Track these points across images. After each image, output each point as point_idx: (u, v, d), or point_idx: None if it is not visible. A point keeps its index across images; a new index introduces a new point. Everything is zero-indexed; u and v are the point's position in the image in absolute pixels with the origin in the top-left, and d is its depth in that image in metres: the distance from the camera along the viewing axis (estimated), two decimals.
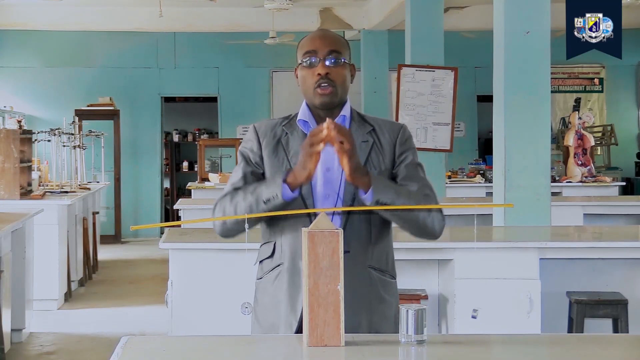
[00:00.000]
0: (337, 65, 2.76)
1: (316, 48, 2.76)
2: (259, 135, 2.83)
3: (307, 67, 2.77)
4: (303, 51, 2.79)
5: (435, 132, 8.38)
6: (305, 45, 2.80)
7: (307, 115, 2.81)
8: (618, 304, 4.79)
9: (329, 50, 2.76)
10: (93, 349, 6.48)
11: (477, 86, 13.83)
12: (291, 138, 2.80)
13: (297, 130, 2.80)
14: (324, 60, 2.75)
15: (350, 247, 2.69)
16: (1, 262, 5.74)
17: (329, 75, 2.74)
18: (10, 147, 7.63)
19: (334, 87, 2.75)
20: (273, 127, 2.84)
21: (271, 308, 2.79)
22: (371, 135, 2.80)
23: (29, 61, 13.50)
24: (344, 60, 2.77)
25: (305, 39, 2.83)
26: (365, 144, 2.78)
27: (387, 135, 2.81)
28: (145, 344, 2.52)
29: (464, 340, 2.58)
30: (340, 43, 2.80)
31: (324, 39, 2.79)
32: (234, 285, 4.45)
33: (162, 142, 14.21)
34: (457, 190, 10.19)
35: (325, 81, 2.74)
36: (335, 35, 2.84)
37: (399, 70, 8.51)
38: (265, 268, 2.84)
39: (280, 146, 2.80)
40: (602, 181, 10.23)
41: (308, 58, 2.77)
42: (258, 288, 2.87)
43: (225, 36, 13.59)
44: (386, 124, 2.85)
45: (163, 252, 4.89)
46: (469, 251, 4.66)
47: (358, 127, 2.81)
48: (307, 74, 2.77)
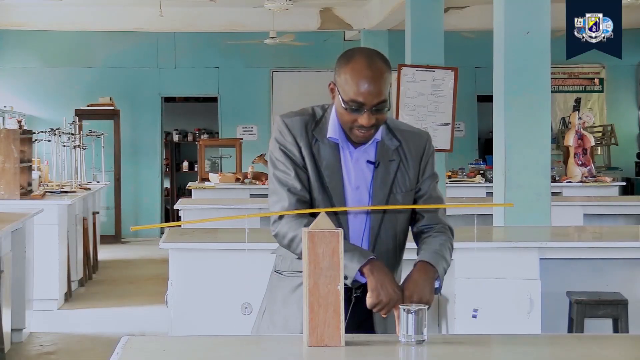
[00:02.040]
0: (381, 113, 2.64)
1: (364, 100, 2.59)
2: (294, 135, 2.71)
3: (349, 111, 2.62)
4: (348, 96, 2.60)
5: (435, 132, 8.37)
6: (351, 90, 2.59)
7: (337, 134, 2.71)
8: (618, 304, 4.79)
9: (377, 102, 2.60)
10: (93, 349, 6.47)
11: (477, 86, 13.83)
12: (322, 147, 2.71)
13: (328, 141, 2.72)
14: (370, 112, 2.61)
15: None
16: (1, 262, 5.73)
17: (373, 123, 2.64)
18: (11, 147, 7.62)
19: (375, 129, 2.68)
20: (304, 127, 2.72)
21: (290, 309, 2.74)
22: (398, 153, 2.76)
23: (29, 61, 13.50)
24: (388, 107, 2.66)
25: (352, 75, 2.60)
26: (392, 163, 2.75)
27: (413, 150, 2.78)
28: (145, 344, 2.51)
29: (464, 340, 2.58)
30: (386, 84, 2.62)
31: (372, 87, 2.58)
32: (234, 285, 4.46)
33: (162, 142, 14.21)
34: (457, 190, 10.19)
35: (368, 128, 2.64)
36: (382, 75, 2.61)
37: (399, 70, 8.51)
38: (293, 267, 2.75)
39: (311, 154, 2.71)
40: (602, 181, 10.23)
41: (353, 106, 2.60)
42: (275, 285, 2.81)
43: (225, 36, 13.59)
44: (413, 137, 2.80)
45: (163, 252, 4.89)
46: (469, 251, 4.66)
47: (386, 143, 2.75)
48: (349, 117, 2.63)
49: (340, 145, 2.73)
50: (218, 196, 9.61)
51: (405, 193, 2.76)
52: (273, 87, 13.87)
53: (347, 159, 2.74)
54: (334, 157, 2.72)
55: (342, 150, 2.74)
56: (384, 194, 2.73)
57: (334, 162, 2.72)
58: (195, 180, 11.97)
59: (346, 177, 2.73)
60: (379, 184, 2.73)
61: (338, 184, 2.71)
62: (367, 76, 2.59)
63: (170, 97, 14.75)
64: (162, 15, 11.14)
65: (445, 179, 9.38)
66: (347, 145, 2.74)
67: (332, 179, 2.71)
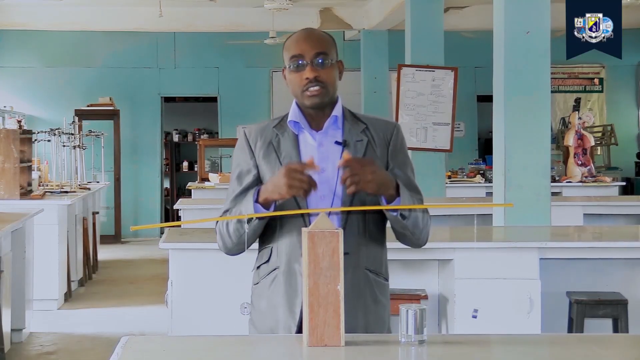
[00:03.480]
0: (324, 66, 2.73)
1: (302, 52, 2.73)
2: (249, 141, 2.82)
3: (294, 70, 2.75)
4: (289, 54, 2.75)
5: (435, 132, 8.37)
6: (291, 48, 2.76)
7: (297, 116, 2.79)
8: (618, 304, 4.79)
9: (315, 53, 2.72)
10: (93, 349, 6.48)
11: (477, 86, 13.83)
12: (282, 140, 2.78)
13: (288, 131, 2.78)
14: (311, 64, 2.72)
15: (349, 248, 2.67)
16: (1, 262, 5.74)
17: (318, 77, 2.72)
18: (10, 147, 7.63)
19: (324, 87, 2.73)
20: (263, 130, 2.82)
21: (268, 313, 2.77)
22: (365, 133, 2.78)
23: (29, 61, 13.50)
24: (331, 61, 2.74)
25: (290, 40, 2.79)
26: (360, 143, 2.76)
27: (380, 133, 2.80)
28: (145, 344, 2.51)
29: (464, 340, 2.58)
30: (326, 42, 2.76)
31: (309, 40, 2.75)
32: (234, 285, 4.45)
33: (162, 142, 14.21)
34: (457, 190, 10.19)
35: (314, 83, 2.72)
36: (320, 34, 2.80)
37: (399, 70, 8.51)
38: (262, 273, 2.82)
39: (271, 148, 2.78)
40: (602, 181, 10.23)
41: (295, 62, 2.73)
42: (254, 293, 2.86)
43: (225, 36, 13.58)
44: (379, 122, 2.83)
45: (163, 252, 4.89)
46: (469, 251, 4.66)
47: (351, 126, 2.79)
48: (295, 77, 2.75)
49: (303, 131, 2.77)
50: (218, 196, 9.61)
51: None
52: (273, 87, 13.88)
53: (309, 145, 2.76)
54: (292, 147, 2.76)
55: (303, 138, 2.77)
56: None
57: (292, 151, 2.75)
58: (195, 180, 11.97)
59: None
60: None
61: None
62: (302, 34, 2.77)
63: (170, 97, 14.74)
64: (162, 15, 11.14)
65: (445, 179, 9.38)
66: (309, 130, 2.77)
67: None
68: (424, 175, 8.05)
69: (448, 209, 7.58)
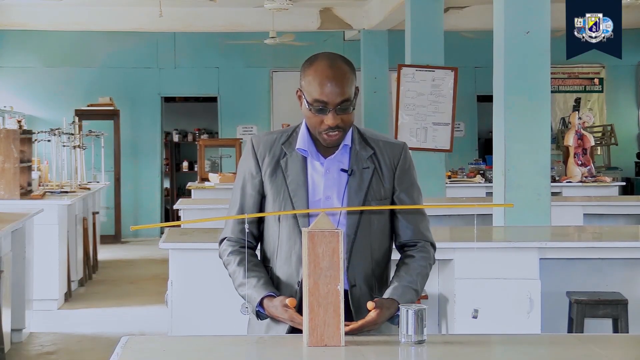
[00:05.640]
0: (346, 112, 2.66)
1: (327, 99, 2.62)
2: (257, 154, 2.76)
3: (315, 113, 2.65)
4: (312, 96, 2.64)
5: (435, 132, 8.38)
6: (314, 90, 2.63)
7: (306, 144, 2.73)
8: (618, 304, 4.79)
9: (340, 101, 2.62)
10: (93, 349, 6.48)
11: (477, 86, 13.83)
12: (290, 161, 2.73)
13: (297, 154, 2.74)
14: (334, 110, 2.63)
15: (356, 282, 2.70)
16: (1, 262, 5.74)
17: (339, 124, 2.65)
18: (10, 147, 7.63)
19: (343, 130, 2.68)
20: (272, 144, 2.76)
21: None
22: (372, 160, 2.75)
23: (29, 61, 13.50)
24: (353, 106, 2.67)
25: (314, 76, 2.64)
26: (366, 170, 2.73)
27: (387, 159, 2.76)
28: (145, 344, 2.52)
29: (464, 340, 2.58)
30: (349, 82, 2.64)
31: (334, 85, 2.61)
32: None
33: (162, 142, 14.21)
34: (457, 190, 10.18)
35: (334, 129, 2.65)
36: (344, 72, 2.65)
37: (399, 70, 8.51)
38: None
39: (279, 168, 2.74)
40: (602, 181, 10.23)
41: (317, 106, 2.63)
42: None
43: (225, 36, 13.58)
44: (387, 145, 2.78)
45: (163, 252, 4.89)
46: (469, 251, 4.66)
47: (359, 151, 2.74)
48: (316, 119, 2.66)
49: (310, 156, 2.73)
50: (218, 196, 9.61)
51: (380, 202, 2.73)
52: (273, 87, 13.87)
53: (317, 170, 2.73)
54: (300, 171, 2.72)
55: (311, 162, 2.73)
56: (359, 202, 2.70)
57: (300, 175, 2.71)
58: (195, 180, 11.97)
59: (312, 189, 2.70)
60: (353, 192, 2.70)
61: (302, 198, 2.69)
62: (329, 76, 2.62)
63: (170, 97, 14.75)
64: (162, 15, 11.13)
65: (445, 179, 9.38)
66: (317, 156, 2.73)
67: (296, 193, 2.70)
68: (424, 176, 8.04)
69: (448, 209, 7.58)
